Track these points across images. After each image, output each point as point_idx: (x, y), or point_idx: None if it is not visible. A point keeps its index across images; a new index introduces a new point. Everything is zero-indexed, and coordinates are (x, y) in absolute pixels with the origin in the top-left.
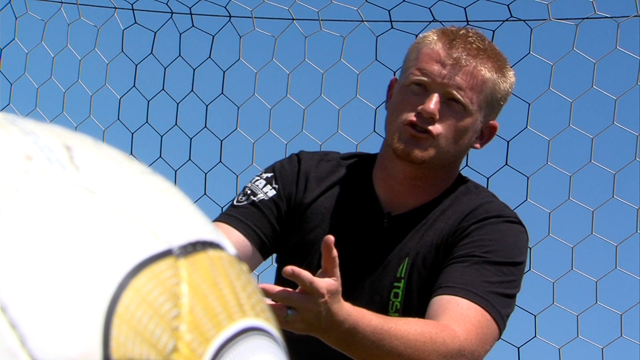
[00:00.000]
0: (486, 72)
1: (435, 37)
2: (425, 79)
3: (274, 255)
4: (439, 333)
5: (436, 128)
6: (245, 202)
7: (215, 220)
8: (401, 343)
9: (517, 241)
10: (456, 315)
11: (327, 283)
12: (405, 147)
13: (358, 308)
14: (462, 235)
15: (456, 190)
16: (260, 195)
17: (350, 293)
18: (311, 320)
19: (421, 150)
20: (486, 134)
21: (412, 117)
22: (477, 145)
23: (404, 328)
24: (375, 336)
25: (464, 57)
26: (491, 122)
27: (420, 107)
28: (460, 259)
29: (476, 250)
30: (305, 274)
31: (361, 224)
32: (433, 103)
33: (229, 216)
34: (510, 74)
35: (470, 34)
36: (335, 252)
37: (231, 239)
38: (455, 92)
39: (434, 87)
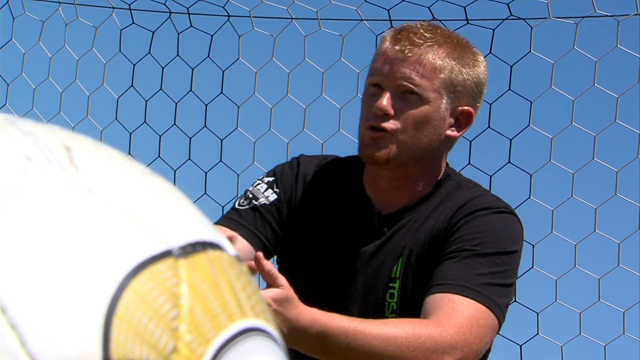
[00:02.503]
0: (436, 58)
1: (387, 37)
2: (376, 77)
3: (274, 258)
4: (423, 328)
5: (391, 124)
6: (247, 206)
7: (216, 223)
8: (380, 342)
9: (509, 231)
10: (447, 311)
11: (272, 292)
12: (367, 151)
13: (327, 312)
14: (452, 230)
15: (447, 185)
16: (262, 200)
17: (344, 294)
18: None
19: (380, 150)
20: (462, 120)
21: (370, 120)
22: (454, 134)
23: (380, 327)
24: (349, 337)
25: (408, 47)
26: (463, 107)
27: (374, 107)
28: (451, 255)
29: (466, 244)
30: None
31: (354, 225)
32: (384, 99)
33: (231, 220)
34: (475, 58)
35: (418, 26)
36: (268, 266)
37: (234, 244)
38: (405, 84)
39: (385, 84)
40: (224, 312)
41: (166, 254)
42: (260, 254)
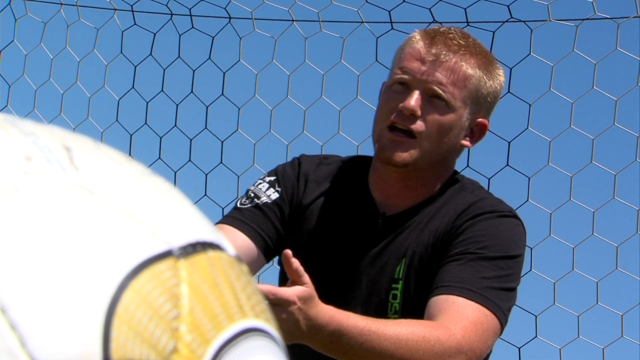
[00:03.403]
0: (468, 68)
1: (418, 37)
2: (406, 76)
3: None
4: (432, 332)
5: (418, 125)
6: (249, 205)
7: (219, 223)
8: (391, 344)
9: (512, 234)
10: (453, 314)
11: (297, 290)
12: (386, 152)
13: (342, 311)
14: (456, 233)
15: (451, 188)
16: (264, 199)
17: (347, 294)
18: (290, 329)
19: (402, 153)
20: (476, 132)
21: (393, 117)
22: (468, 143)
23: (393, 329)
24: (362, 337)
25: (444, 52)
26: (480, 119)
27: (400, 105)
28: (455, 257)
29: (471, 247)
30: (266, 288)
31: (357, 225)
32: (413, 100)
33: (234, 219)
34: (498, 72)
35: (452, 32)
36: (296, 264)
37: (236, 242)
38: (436, 88)
39: (415, 85)
40: (224, 313)
41: (166, 254)
42: (289, 252)
